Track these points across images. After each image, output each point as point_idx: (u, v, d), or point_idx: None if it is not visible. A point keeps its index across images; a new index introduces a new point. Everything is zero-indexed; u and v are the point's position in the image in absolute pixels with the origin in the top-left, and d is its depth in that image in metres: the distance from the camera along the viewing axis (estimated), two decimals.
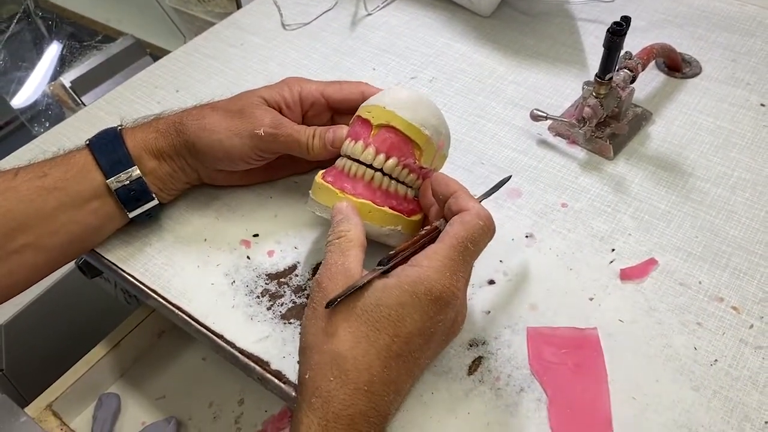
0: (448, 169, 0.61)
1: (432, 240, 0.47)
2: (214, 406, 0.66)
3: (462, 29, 0.80)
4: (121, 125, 0.58)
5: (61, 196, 0.53)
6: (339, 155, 0.54)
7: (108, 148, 0.55)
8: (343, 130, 0.55)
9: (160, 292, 0.56)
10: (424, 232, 0.49)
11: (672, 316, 0.52)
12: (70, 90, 1.18)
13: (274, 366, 0.50)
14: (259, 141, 0.55)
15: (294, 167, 0.62)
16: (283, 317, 0.53)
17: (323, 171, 0.54)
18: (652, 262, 0.56)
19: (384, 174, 0.52)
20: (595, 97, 0.62)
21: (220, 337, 0.53)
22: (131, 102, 0.73)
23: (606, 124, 0.66)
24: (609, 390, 0.48)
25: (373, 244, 0.50)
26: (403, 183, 0.54)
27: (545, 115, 0.65)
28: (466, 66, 0.75)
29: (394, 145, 0.52)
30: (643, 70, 0.66)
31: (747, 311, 0.53)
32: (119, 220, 0.57)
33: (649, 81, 0.72)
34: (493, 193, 0.53)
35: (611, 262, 0.56)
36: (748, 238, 0.57)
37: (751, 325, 0.52)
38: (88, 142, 0.56)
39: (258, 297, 0.55)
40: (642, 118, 0.68)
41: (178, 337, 0.72)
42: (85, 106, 0.77)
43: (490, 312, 0.53)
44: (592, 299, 0.54)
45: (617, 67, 0.63)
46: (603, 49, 0.59)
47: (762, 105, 0.69)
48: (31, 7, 1.44)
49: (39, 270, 0.55)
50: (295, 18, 0.83)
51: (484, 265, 0.56)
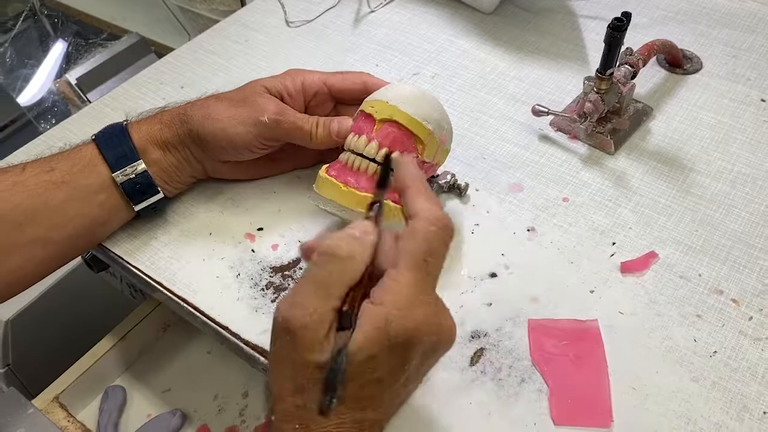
0: (450, 163, 0.62)
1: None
2: (219, 399, 0.67)
3: (464, 26, 0.81)
4: (126, 120, 0.59)
5: (69, 190, 0.54)
6: (341, 146, 0.55)
7: (113, 142, 0.56)
8: (348, 120, 0.56)
9: (166, 284, 0.56)
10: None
11: (672, 309, 0.53)
12: (76, 87, 1.18)
13: None
14: (264, 128, 0.55)
15: (297, 161, 0.63)
16: None
17: (327, 165, 0.55)
18: (652, 255, 0.56)
19: None
20: (596, 93, 0.62)
21: (226, 328, 0.53)
22: (136, 98, 0.74)
23: (607, 119, 0.66)
24: (609, 381, 0.49)
25: None
26: None
27: (547, 110, 0.65)
28: (468, 62, 0.76)
29: (397, 140, 0.53)
30: (644, 66, 0.66)
31: (746, 303, 0.53)
32: (125, 213, 0.58)
33: (651, 77, 0.73)
34: (387, 183, 0.44)
35: (612, 255, 0.57)
36: (748, 232, 0.58)
37: (750, 317, 0.52)
38: (94, 137, 0.57)
39: (262, 289, 0.56)
40: (643, 114, 0.68)
41: (183, 330, 0.72)
42: (90, 103, 0.78)
43: (491, 304, 0.54)
44: (592, 292, 0.54)
45: (618, 63, 0.63)
46: (604, 44, 0.59)
47: (762, 100, 0.69)
48: (37, 5, 1.45)
49: (48, 263, 0.55)
50: (298, 15, 0.84)
51: (486, 258, 0.57)
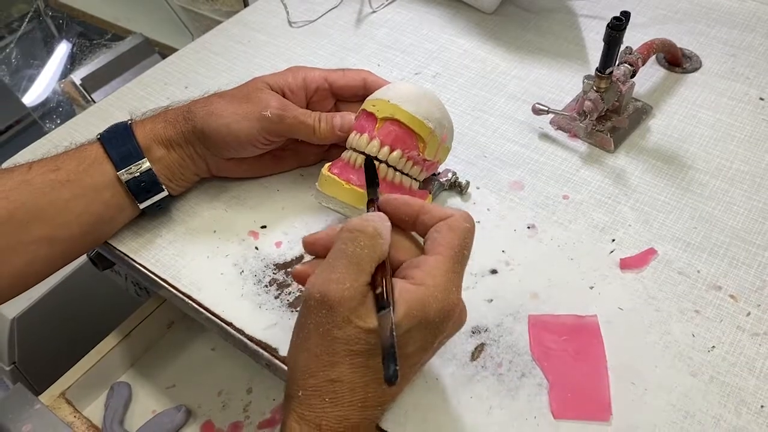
0: (451, 161, 0.63)
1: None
2: (223, 395, 0.68)
3: (465, 26, 0.81)
4: (131, 119, 0.59)
5: (74, 189, 0.55)
6: (344, 142, 0.56)
7: (118, 141, 0.57)
8: (350, 116, 0.57)
9: (171, 281, 0.57)
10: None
11: (671, 304, 0.53)
12: (81, 87, 1.19)
13: (281, 352, 0.52)
14: (267, 123, 0.56)
15: (301, 160, 0.64)
16: (291, 305, 0.55)
17: (329, 163, 0.56)
18: (651, 252, 0.57)
19: (389, 166, 0.54)
20: (596, 91, 0.63)
21: (230, 324, 0.54)
22: (141, 98, 0.74)
23: (607, 117, 0.67)
24: (608, 375, 0.50)
25: None
26: (407, 175, 0.55)
27: (547, 109, 0.66)
28: (469, 62, 0.76)
29: (399, 138, 0.53)
30: (643, 65, 0.67)
31: (744, 299, 0.54)
32: (130, 211, 0.58)
33: (650, 76, 0.73)
34: (375, 182, 0.48)
35: (611, 252, 0.57)
36: (746, 229, 0.58)
37: (748, 313, 0.53)
38: (99, 136, 0.58)
39: (266, 286, 0.56)
40: (642, 112, 0.69)
41: (188, 327, 0.73)
42: (95, 103, 0.78)
43: (492, 300, 0.55)
44: (592, 288, 0.55)
45: (618, 61, 0.64)
46: (603, 43, 0.60)
47: (761, 99, 0.70)
48: (42, 6, 1.46)
49: (55, 261, 0.56)
50: (300, 16, 0.84)
51: (487, 255, 0.57)
